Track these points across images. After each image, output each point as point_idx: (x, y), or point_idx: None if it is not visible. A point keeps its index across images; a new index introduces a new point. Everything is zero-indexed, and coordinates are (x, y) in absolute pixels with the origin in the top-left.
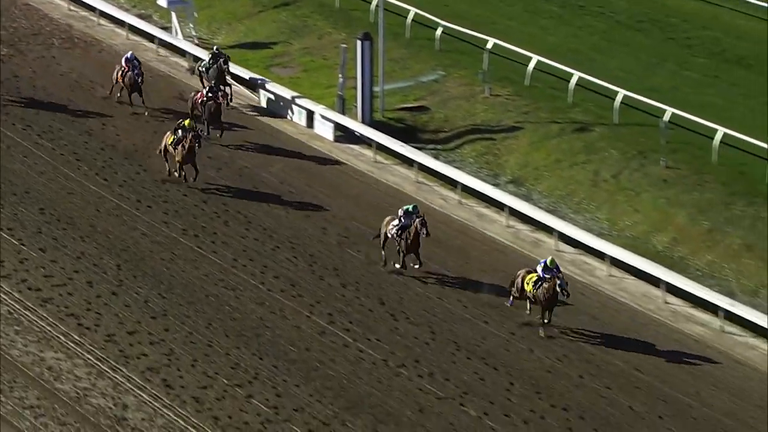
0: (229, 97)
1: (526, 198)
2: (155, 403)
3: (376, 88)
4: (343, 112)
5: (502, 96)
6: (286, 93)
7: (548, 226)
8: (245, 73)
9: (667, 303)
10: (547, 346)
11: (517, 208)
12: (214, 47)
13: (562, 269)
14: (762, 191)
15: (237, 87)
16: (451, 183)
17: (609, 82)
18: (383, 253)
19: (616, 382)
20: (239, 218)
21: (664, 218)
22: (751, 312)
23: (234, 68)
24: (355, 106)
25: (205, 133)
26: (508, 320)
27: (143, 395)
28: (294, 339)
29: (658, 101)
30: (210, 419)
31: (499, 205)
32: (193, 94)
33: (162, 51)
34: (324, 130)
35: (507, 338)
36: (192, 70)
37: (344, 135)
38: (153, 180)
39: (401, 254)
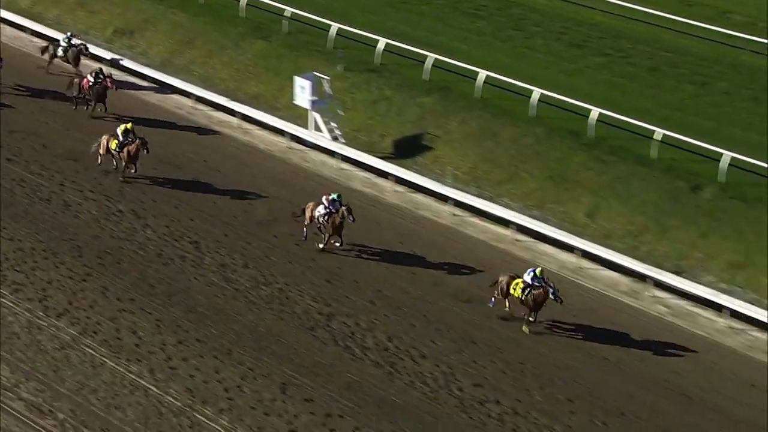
0: (113, 80)
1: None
2: None
3: None
4: None
5: None
6: None
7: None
8: None
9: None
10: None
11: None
12: (68, 33)
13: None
14: None
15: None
16: None
17: None
18: (305, 231)
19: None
20: None
21: None
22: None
23: None
24: None
25: (93, 109)
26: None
27: None
28: None
29: None
30: None
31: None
32: (77, 79)
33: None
34: None
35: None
36: (43, 51)
37: None
38: None
39: (326, 236)
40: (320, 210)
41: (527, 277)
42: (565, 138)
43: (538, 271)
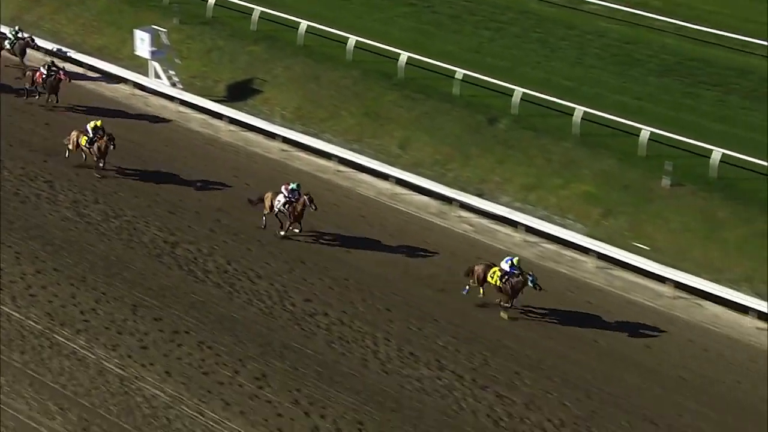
0: (65, 73)
1: None
2: None
3: None
4: None
5: None
6: None
7: None
8: None
9: None
10: None
11: None
12: (16, 27)
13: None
14: None
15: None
16: None
17: None
18: (264, 219)
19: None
20: None
21: None
22: None
23: None
24: None
25: (47, 101)
26: None
27: None
28: None
29: None
30: None
31: None
32: (30, 73)
33: None
34: None
35: None
36: None
37: None
38: None
39: (288, 222)
40: (280, 199)
41: (505, 266)
42: (379, 79)
43: (515, 260)
